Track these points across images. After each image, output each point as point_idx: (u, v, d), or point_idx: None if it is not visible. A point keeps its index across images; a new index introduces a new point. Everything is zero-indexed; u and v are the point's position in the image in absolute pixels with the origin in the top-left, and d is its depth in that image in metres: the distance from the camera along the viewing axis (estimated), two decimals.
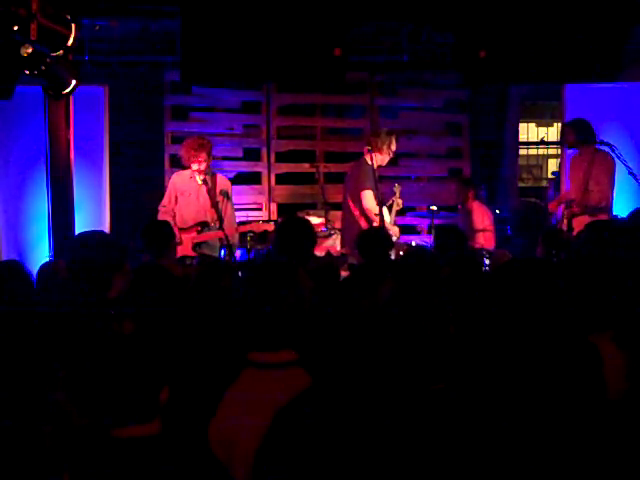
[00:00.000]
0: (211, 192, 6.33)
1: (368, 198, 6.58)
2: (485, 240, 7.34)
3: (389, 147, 6.74)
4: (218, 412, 2.29)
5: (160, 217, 6.43)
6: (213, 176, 6.54)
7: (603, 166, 6.53)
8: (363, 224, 6.60)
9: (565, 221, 6.54)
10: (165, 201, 6.61)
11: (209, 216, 6.41)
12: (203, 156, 6.35)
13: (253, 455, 2.08)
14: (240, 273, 3.65)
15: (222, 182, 6.61)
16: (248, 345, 2.37)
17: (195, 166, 6.37)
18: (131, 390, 1.95)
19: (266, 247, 6.48)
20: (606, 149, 6.51)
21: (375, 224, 6.50)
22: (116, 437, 1.95)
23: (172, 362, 2.45)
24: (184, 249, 6.29)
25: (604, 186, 6.55)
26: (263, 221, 6.92)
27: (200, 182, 6.38)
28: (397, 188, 7.04)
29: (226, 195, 6.53)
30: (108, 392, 1.94)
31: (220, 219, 6.16)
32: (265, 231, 6.48)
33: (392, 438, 1.85)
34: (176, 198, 6.56)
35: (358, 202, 6.67)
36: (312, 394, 2.10)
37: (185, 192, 6.54)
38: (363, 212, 6.65)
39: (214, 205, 6.29)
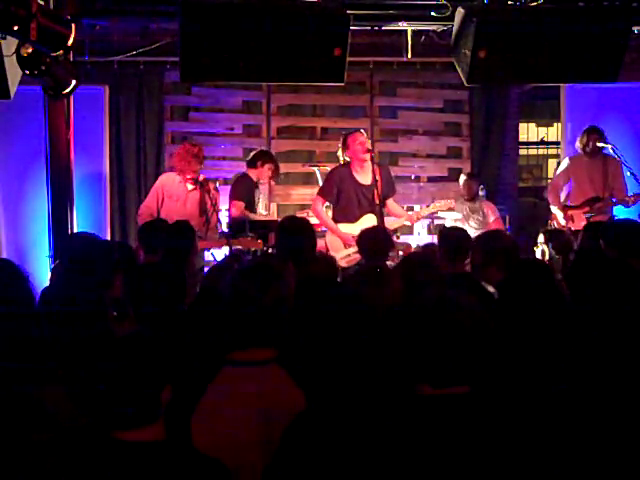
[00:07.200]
0: (202, 200, 6.27)
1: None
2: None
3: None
4: (197, 411, 2.29)
5: (142, 220, 6.07)
6: (205, 182, 6.35)
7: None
8: None
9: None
10: (150, 201, 6.44)
11: (195, 224, 6.24)
12: (197, 167, 6.34)
13: (241, 457, 2.07)
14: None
15: (213, 191, 6.41)
16: (227, 344, 2.37)
17: (189, 176, 6.34)
18: (131, 389, 1.87)
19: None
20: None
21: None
22: (118, 439, 1.87)
23: (175, 359, 2.42)
24: None
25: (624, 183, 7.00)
26: (251, 237, 6.69)
27: (192, 187, 6.35)
28: (440, 206, 6.76)
29: (214, 203, 6.31)
30: (107, 392, 1.87)
31: (207, 228, 6.06)
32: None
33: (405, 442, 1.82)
34: (163, 200, 6.40)
35: None
36: (319, 403, 2.09)
37: (173, 196, 6.41)
38: None
39: (203, 213, 6.23)
